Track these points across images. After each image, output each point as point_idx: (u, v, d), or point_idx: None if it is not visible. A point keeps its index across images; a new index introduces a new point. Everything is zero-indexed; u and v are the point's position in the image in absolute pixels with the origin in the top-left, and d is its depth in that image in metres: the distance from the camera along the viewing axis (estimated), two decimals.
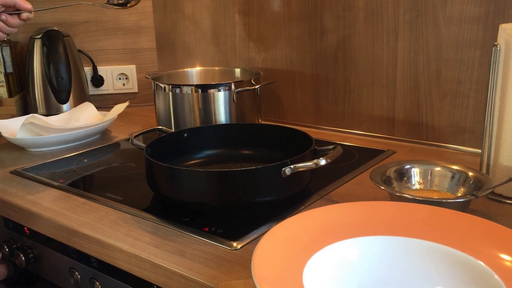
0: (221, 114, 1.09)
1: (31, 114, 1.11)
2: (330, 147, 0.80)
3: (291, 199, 0.77)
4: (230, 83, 1.07)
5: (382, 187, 0.70)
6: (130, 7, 1.01)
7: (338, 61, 1.12)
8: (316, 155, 0.80)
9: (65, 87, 1.27)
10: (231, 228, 0.70)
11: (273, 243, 0.53)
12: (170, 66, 1.46)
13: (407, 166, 0.76)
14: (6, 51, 1.29)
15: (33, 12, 0.91)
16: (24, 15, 0.90)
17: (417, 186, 0.75)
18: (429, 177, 0.75)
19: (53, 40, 1.27)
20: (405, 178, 0.75)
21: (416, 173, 0.76)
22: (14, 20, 0.90)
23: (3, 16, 0.91)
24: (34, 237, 0.86)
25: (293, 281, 0.48)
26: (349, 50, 1.10)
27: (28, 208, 0.80)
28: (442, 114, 1.01)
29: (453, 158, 0.95)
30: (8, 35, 0.95)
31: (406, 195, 0.67)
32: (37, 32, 1.31)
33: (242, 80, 1.11)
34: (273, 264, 0.50)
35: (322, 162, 0.72)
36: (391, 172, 0.75)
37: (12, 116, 1.25)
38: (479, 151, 0.81)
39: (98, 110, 1.25)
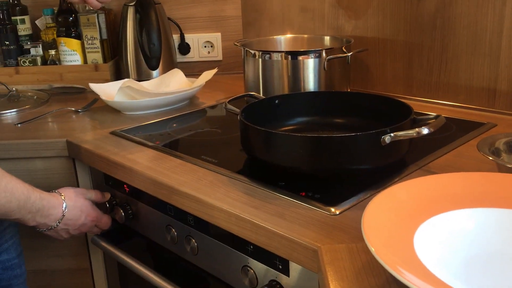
0: (310, 82, 1.07)
1: (127, 79, 1.15)
2: (431, 116, 0.77)
3: (387, 168, 0.75)
4: (321, 50, 1.05)
5: (491, 158, 0.66)
6: None
7: (435, 28, 1.06)
8: (415, 124, 0.77)
9: (156, 54, 1.31)
10: (327, 194, 0.69)
11: (382, 209, 0.52)
12: (254, 34, 1.46)
13: None
14: (102, 18, 1.34)
15: None
16: None
17: None
18: None
19: (145, 7, 1.30)
20: None
21: None
22: None
23: None
24: (133, 194, 0.91)
25: (404, 243, 0.47)
26: (449, 16, 1.04)
27: (130, 166, 0.84)
28: None
29: None
30: (103, 5, 0.99)
31: None
32: None
33: (333, 48, 1.09)
34: (383, 228, 0.49)
35: (425, 131, 0.70)
36: (500, 144, 0.70)
37: (106, 80, 1.31)
38: None
39: None
